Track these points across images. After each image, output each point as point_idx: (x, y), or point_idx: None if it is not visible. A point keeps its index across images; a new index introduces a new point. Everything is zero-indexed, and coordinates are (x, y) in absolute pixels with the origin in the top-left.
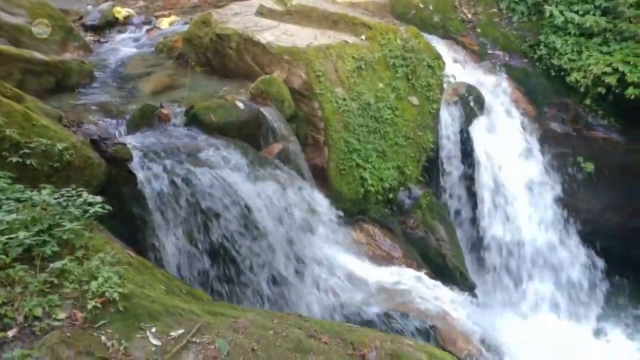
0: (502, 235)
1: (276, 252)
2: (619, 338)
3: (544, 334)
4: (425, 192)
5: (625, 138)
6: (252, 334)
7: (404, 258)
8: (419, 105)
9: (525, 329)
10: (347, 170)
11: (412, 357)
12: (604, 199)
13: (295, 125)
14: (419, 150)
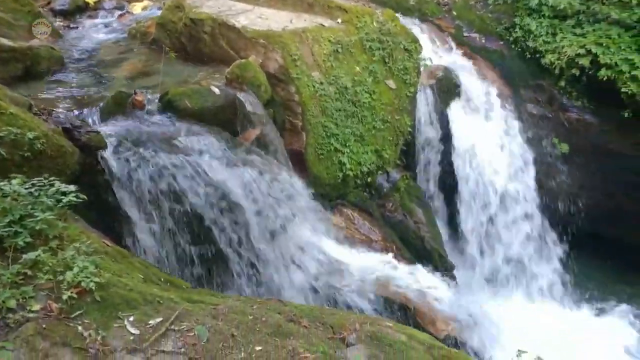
0: (479, 216)
1: (256, 237)
2: (588, 315)
3: (521, 313)
4: (404, 176)
5: (598, 119)
6: (232, 320)
7: (383, 241)
8: (396, 89)
9: (503, 308)
10: (326, 154)
11: (392, 338)
12: (579, 180)
13: (272, 110)
14: (396, 133)
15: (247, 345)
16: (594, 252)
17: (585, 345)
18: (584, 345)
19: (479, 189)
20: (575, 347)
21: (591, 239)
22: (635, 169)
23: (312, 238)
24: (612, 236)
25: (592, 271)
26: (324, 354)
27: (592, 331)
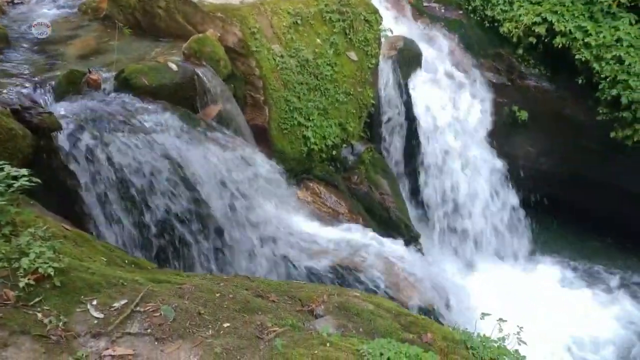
0: (441, 184)
1: (220, 215)
2: (547, 278)
3: (485, 276)
4: (368, 148)
5: (554, 86)
6: (198, 299)
7: (350, 213)
8: (357, 61)
9: (467, 274)
10: (289, 129)
11: (359, 308)
12: (537, 146)
13: (233, 85)
14: (359, 106)
15: (214, 322)
16: (555, 217)
17: (545, 305)
18: (545, 305)
19: (440, 158)
20: (536, 307)
21: (552, 203)
22: (590, 134)
23: (278, 213)
24: (572, 200)
25: (553, 234)
26: (292, 327)
27: (553, 292)
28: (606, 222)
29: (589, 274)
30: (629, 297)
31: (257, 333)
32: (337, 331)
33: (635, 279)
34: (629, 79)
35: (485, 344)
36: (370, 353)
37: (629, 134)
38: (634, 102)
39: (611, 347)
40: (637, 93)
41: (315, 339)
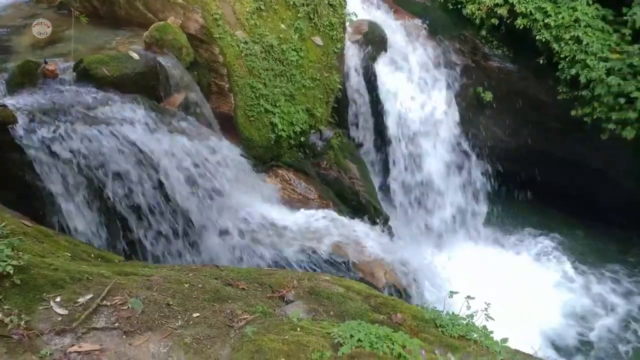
0: (409, 166)
1: (188, 205)
2: (514, 250)
3: (453, 255)
4: (336, 133)
5: (517, 66)
6: (167, 290)
7: (320, 199)
8: (323, 46)
9: (436, 253)
10: (256, 116)
11: (330, 292)
12: (502, 126)
13: (197, 73)
14: (326, 91)
15: (184, 313)
16: (520, 194)
17: (513, 281)
18: (512, 281)
19: (407, 140)
20: (504, 283)
21: (518, 181)
22: (551, 113)
23: (247, 201)
24: (536, 178)
25: (518, 211)
26: (263, 314)
27: (520, 266)
28: (571, 197)
29: (553, 246)
30: (590, 267)
31: (228, 321)
32: (307, 315)
33: (594, 249)
34: (586, 59)
35: (454, 321)
36: (341, 335)
37: (588, 112)
38: (592, 81)
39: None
40: (595, 72)
41: (286, 325)
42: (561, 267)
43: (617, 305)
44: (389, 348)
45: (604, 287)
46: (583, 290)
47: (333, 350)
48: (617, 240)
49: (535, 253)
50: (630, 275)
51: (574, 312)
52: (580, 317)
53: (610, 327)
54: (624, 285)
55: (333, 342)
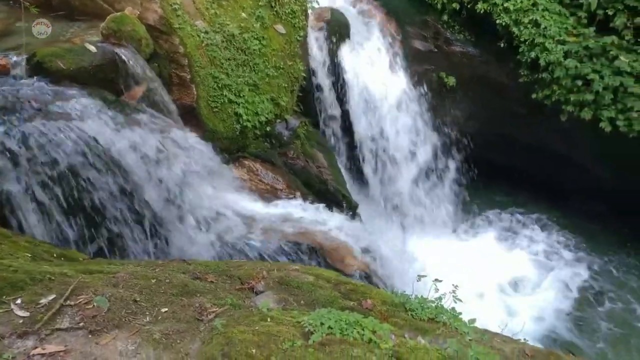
0: (376, 152)
1: (153, 200)
2: (479, 232)
3: (421, 240)
4: (302, 122)
5: (478, 51)
6: (134, 286)
7: (288, 188)
8: (285, 34)
9: (404, 238)
10: (220, 107)
11: (299, 281)
12: (465, 109)
13: (157, 65)
14: (291, 80)
15: (152, 309)
16: (485, 176)
17: (480, 264)
18: (480, 264)
19: (374, 126)
20: (472, 266)
21: (484, 165)
22: (513, 96)
23: (214, 194)
24: (502, 162)
25: (482, 193)
26: (232, 306)
27: (485, 248)
28: (532, 179)
29: (519, 228)
30: (556, 247)
31: (197, 315)
32: (278, 305)
33: (557, 229)
34: (545, 42)
35: (423, 305)
36: (311, 324)
37: (547, 94)
38: (550, 64)
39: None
40: (553, 55)
41: (255, 316)
42: (528, 249)
43: (581, 281)
44: (359, 334)
45: (572, 267)
46: (549, 269)
47: (304, 338)
48: (586, 223)
49: (501, 235)
50: (595, 255)
51: (540, 289)
52: (547, 294)
53: (576, 304)
54: (587, 264)
55: (304, 330)
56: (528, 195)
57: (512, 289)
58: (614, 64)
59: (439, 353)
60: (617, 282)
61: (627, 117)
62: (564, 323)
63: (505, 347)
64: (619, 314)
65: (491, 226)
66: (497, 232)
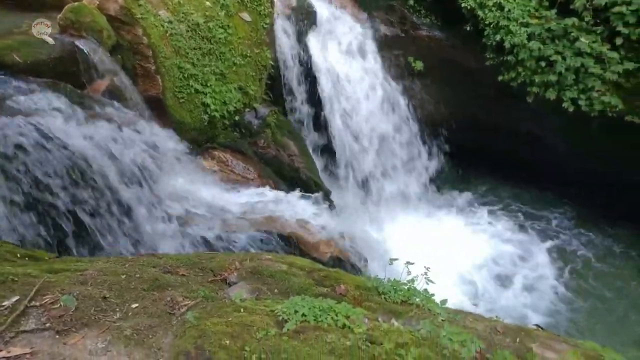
0: (347, 139)
1: (122, 195)
2: (451, 215)
3: (395, 223)
4: (272, 111)
5: (445, 34)
6: (103, 283)
7: (260, 178)
8: (251, 22)
9: (378, 222)
10: (187, 97)
11: (272, 270)
12: (434, 94)
13: (121, 57)
14: (258, 68)
15: (122, 305)
16: (460, 160)
17: (453, 245)
18: (452, 245)
19: (343, 112)
20: (444, 247)
21: (455, 148)
22: (481, 79)
23: (185, 186)
24: (473, 144)
25: (453, 177)
26: (205, 298)
27: (457, 230)
28: (503, 160)
29: (489, 209)
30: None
31: (169, 309)
32: (251, 295)
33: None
34: (509, 24)
35: (395, 287)
36: (285, 312)
37: (513, 76)
38: (515, 46)
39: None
40: (517, 37)
41: (229, 307)
42: (499, 228)
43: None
44: (333, 320)
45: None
46: (520, 247)
47: (278, 327)
48: (556, 201)
49: (470, 216)
50: (563, 230)
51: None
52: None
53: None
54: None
55: (278, 319)
56: (500, 176)
57: (483, 269)
58: (575, 45)
59: (412, 334)
60: (585, 259)
61: (589, 96)
62: (534, 300)
63: (477, 326)
64: (588, 291)
65: (463, 207)
66: (469, 213)
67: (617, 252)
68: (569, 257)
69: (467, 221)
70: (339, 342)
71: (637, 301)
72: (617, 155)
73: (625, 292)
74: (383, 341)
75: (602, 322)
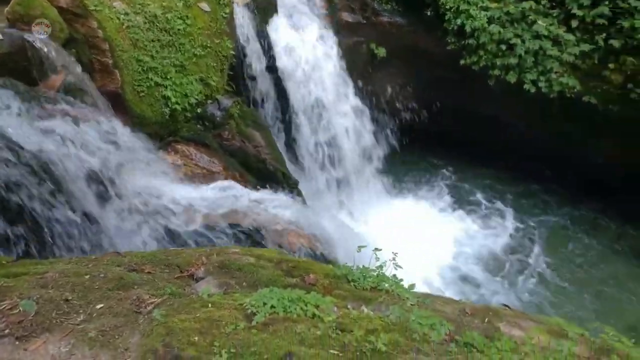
0: (312, 127)
1: (79, 193)
2: (415, 200)
3: (361, 211)
4: (235, 102)
5: (406, 20)
6: (65, 285)
7: (225, 171)
8: (210, 11)
9: (345, 211)
10: (147, 91)
11: (240, 263)
12: (398, 80)
13: (76, 51)
14: (219, 59)
15: (86, 306)
16: (425, 144)
17: (415, 228)
18: (415, 229)
19: (307, 101)
20: (408, 232)
21: (421, 132)
22: (443, 64)
23: (148, 182)
24: (438, 128)
25: (418, 162)
26: (172, 295)
27: (421, 216)
28: (468, 143)
29: (450, 190)
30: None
31: (135, 308)
32: (219, 290)
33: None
34: (469, 9)
35: (365, 274)
36: (254, 305)
37: (475, 60)
38: (476, 30)
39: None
40: (478, 21)
41: (196, 303)
42: (461, 210)
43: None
44: (302, 310)
45: (503, 225)
46: (481, 227)
47: (247, 320)
48: (518, 182)
49: (434, 200)
50: (527, 214)
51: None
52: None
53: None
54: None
55: (246, 312)
56: (463, 159)
57: (448, 251)
58: (533, 28)
59: (382, 320)
60: (546, 239)
61: (548, 78)
62: (499, 280)
63: (446, 309)
64: (547, 269)
65: (427, 191)
66: (433, 197)
67: (577, 229)
68: (529, 232)
69: (431, 204)
70: (309, 332)
71: (601, 271)
72: (577, 135)
73: (594, 265)
74: (353, 328)
75: (572, 296)
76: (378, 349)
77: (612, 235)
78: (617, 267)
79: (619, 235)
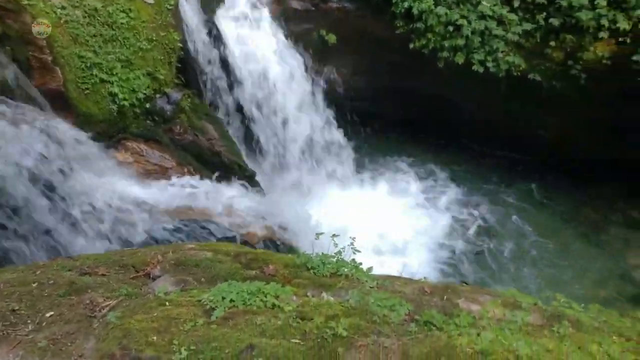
0: (266, 116)
1: (27, 200)
2: (374, 185)
3: (320, 199)
4: (185, 95)
5: (355, 5)
6: (11, 295)
7: (179, 166)
8: (154, 4)
9: (304, 199)
10: (91, 88)
11: (197, 259)
12: (350, 66)
13: (10, 48)
14: (166, 51)
15: (35, 315)
16: (380, 131)
17: (375, 213)
18: (375, 213)
19: (259, 91)
20: (368, 216)
21: (374, 118)
22: (393, 48)
23: (98, 182)
24: (393, 114)
25: (377, 148)
26: (127, 296)
27: (382, 201)
28: (423, 127)
29: (412, 177)
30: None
31: (88, 312)
32: (176, 288)
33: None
34: None
35: (324, 261)
36: (212, 300)
37: (424, 43)
38: (423, 12)
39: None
40: (424, 3)
41: (153, 302)
42: (418, 194)
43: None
44: (262, 301)
45: (460, 206)
46: (438, 210)
47: (206, 316)
48: (475, 165)
49: (392, 182)
50: (484, 193)
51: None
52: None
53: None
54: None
55: (205, 308)
56: (418, 140)
57: (406, 234)
58: (478, 9)
59: (342, 305)
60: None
61: (495, 58)
62: (456, 258)
63: (405, 289)
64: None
65: (384, 176)
66: (390, 182)
67: (531, 203)
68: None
69: (389, 188)
70: (269, 322)
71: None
72: (525, 113)
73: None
74: (313, 316)
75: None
76: (339, 334)
77: (555, 211)
78: (563, 239)
79: (561, 212)
